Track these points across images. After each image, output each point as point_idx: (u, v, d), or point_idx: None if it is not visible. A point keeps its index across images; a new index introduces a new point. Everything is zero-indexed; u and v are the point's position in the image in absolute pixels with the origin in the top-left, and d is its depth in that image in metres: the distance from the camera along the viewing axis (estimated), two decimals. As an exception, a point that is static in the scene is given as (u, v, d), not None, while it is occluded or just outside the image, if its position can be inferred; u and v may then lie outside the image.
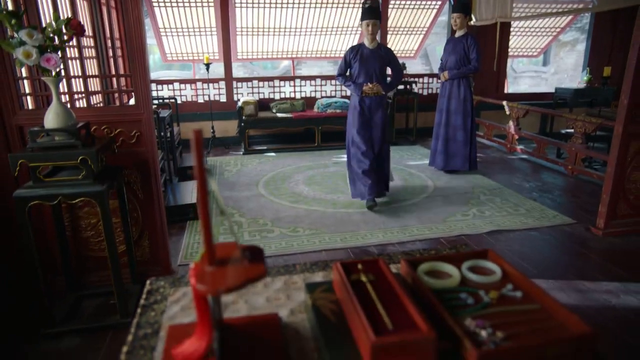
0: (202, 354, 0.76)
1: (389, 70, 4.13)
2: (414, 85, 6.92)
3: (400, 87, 6.70)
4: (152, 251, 2.70)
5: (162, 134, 4.07)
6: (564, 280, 2.76)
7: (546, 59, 13.64)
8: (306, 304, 0.92)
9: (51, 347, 2.16)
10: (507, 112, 6.05)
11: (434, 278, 0.93)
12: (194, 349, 0.77)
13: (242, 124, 6.02)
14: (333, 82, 7.07)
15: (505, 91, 7.40)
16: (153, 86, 6.38)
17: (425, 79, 7.36)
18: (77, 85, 2.83)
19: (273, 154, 6.09)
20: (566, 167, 5.03)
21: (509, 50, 7.18)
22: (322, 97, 6.93)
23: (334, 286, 0.92)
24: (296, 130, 6.60)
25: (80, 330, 2.26)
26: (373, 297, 0.82)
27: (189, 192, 4.11)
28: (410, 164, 5.48)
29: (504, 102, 6.10)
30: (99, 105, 3.30)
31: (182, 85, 6.54)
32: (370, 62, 3.90)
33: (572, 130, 5.10)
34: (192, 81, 6.58)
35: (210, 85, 6.56)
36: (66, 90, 2.35)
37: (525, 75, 14.05)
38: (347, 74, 4.07)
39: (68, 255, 2.46)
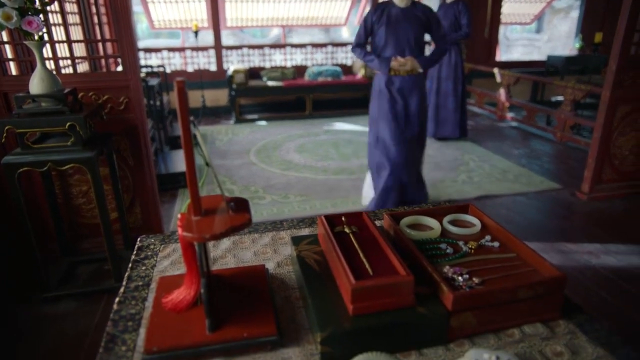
0: (191, 301, 0.80)
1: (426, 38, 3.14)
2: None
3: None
4: (144, 218, 2.73)
5: (152, 102, 4.04)
6: (548, 242, 2.83)
7: (540, 26, 13.50)
8: (292, 256, 0.96)
9: (48, 310, 2.21)
10: (498, 80, 6.03)
11: (416, 230, 0.97)
12: (182, 296, 0.81)
13: (233, 93, 5.96)
14: (324, 50, 6.98)
15: (498, 59, 7.36)
16: (141, 55, 6.27)
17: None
18: (62, 51, 2.78)
19: (264, 122, 6.06)
20: (555, 134, 5.07)
21: (501, 17, 7.10)
22: (312, 65, 6.85)
23: (318, 239, 0.95)
24: (287, 98, 6.56)
25: (76, 295, 2.30)
26: (356, 246, 0.85)
27: (180, 161, 4.10)
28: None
29: (495, 70, 6.08)
30: (85, 72, 3.24)
31: (171, 54, 6.43)
32: (402, 27, 2.87)
33: (562, 98, 5.12)
34: (180, 49, 6.47)
35: (200, 53, 6.45)
36: (51, 55, 2.31)
37: (518, 44, 13.93)
38: (368, 44, 3.10)
39: (60, 222, 2.48)
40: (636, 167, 3.55)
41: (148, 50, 6.43)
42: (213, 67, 6.53)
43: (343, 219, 0.95)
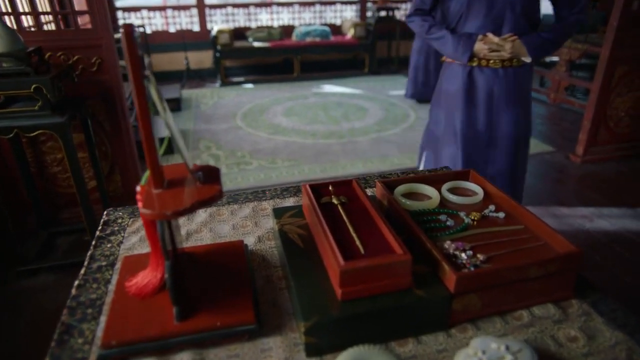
0: (157, 285, 0.70)
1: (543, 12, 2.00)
2: (395, 12, 6.60)
3: (382, 13, 6.38)
4: (125, 186, 2.60)
5: (130, 64, 3.83)
6: (541, 206, 2.78)
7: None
8: (274, 230, 0.86)
9: (26, 284, 2.12)
10: (492, 39, 5.84)
11: (412, 200, 0.87)
12: (148, 280, 0.71)
13: (217, 55, 5.72)
14: (312, 8, 6.69)
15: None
16: (120, 15, 5.94)
17: (408, 5, 7.02)
18: (23, 6, 2.56)
19: (251, 85, 5.86)
20: (549, 96, 4.96)
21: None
22: (300, 25, 6.58)
23: (303, 210, 0.85)
24: (274, 60, 6.33)
25: (54, 267, 2.20)
26: (345, 220, 0.75)
27: (162, 126, 3.94)
28: (392, 94, 5.33)
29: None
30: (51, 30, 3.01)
31: (151, 13, 6.11)
32: None
33: (556, 59, 4.98)
34: (161, 8, 6.15)
35: (182, 12, 6.14)
36: (9, 10, 2.11)
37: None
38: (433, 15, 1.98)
39: (36, 192, 2.35)
40: (631, 128, 3.48)
41: (127, 9, 6.10)
42: (196, 28, 6.24)
43: (330, 188, 0.84)
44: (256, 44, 5.90)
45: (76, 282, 0.77)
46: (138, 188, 0.64)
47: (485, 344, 0.59)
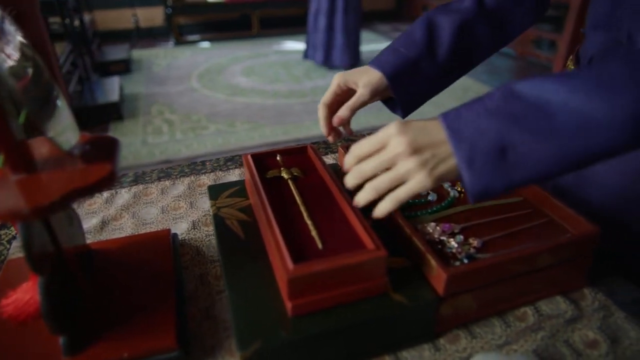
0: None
1: None
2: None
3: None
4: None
5: (67, 21, 3.43)
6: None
7: None
8: (212, 214, 0.67)
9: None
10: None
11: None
12: (29, 296, 0.51)
13: (169, 11, 5.28)
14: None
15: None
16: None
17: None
18: None
19: (207, 44, 5.47)
20: (516, 49, 4.84)
21: None
22: (258, -23, 6.15)
23: (246, 188, 0.67)
24: (231, 16, 5.91)
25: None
26: (298, 201, 0.58)
27: (111, 90, 3.59)
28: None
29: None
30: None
31: (92, -35, 5.54)
32: None
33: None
34: (103, -41, 5.57)
35: (126, -37, 5.60)
36: None
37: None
38: None
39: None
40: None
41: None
42: (144, -19, 5.72)
43: (278, 158, 0.66)
44: (211, -1, 5.48)
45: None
46: (-7, 172, 0.43)
47: (487, 365, 0.44)
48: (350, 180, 0.48)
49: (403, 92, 0.65)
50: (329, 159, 0.90)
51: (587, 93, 0.40)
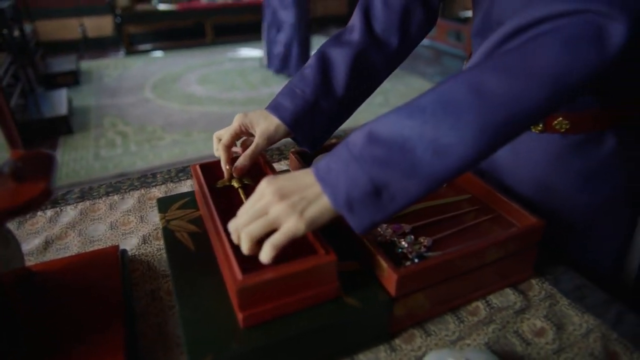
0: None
1: None
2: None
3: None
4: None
5: (6, 32, 3.28)
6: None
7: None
8: (161, 227, 0.65)
9: None
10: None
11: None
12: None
13: (118, 20, 5.15)
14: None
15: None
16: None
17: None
18: None
19: (160, 53, 5.37)
20: (465, 50, 5.00)
21: None
22: (210, -16, 6.09)
23: (196, 198, 0.66)
24: (184, 24, 5.81)
25: None
26: (249, 209, 0.57)
27: (59, 102, 3.45)
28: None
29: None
30: None
31: (33, -26, 5.32)
32: None
33: (470, 14, 5.00)
34: (45, -32, 5.37)
35: (70, -28, 5.41)
36: None
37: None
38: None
39: None
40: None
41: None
42: (90, -11, 5.54)
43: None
44: (162, 7, 5.38)
45: None
46: None
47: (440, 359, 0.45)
48: (244, 248, 0.46)
49: (305, 134, 0.67)
50: (281, 166, 0.90)
51: (436, 123, 0.43)
